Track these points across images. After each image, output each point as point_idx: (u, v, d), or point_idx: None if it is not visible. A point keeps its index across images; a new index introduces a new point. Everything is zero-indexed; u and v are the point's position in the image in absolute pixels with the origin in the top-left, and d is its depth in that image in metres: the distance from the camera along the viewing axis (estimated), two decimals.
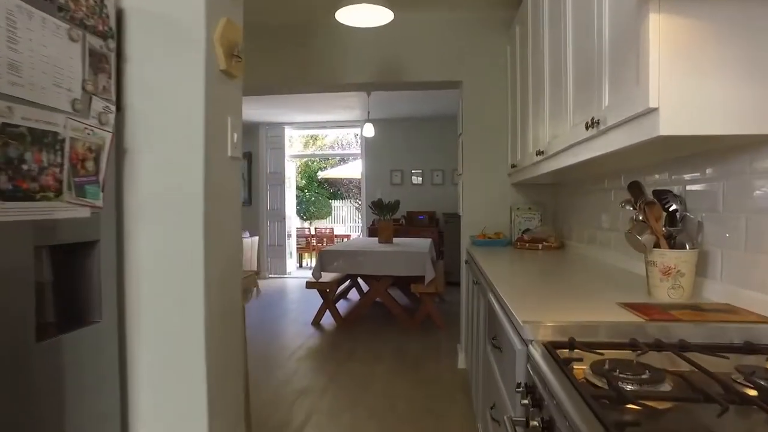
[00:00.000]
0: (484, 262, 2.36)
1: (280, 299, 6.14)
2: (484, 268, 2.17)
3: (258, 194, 8.06)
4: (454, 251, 6.94)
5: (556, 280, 1.84)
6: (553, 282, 1.81)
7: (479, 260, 2.47)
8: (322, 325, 4.86)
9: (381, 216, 5.48)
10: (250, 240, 6.51)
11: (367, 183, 7.76)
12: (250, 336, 4.54)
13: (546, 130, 2.18)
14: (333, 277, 4.91)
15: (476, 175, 3.49)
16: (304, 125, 7.92)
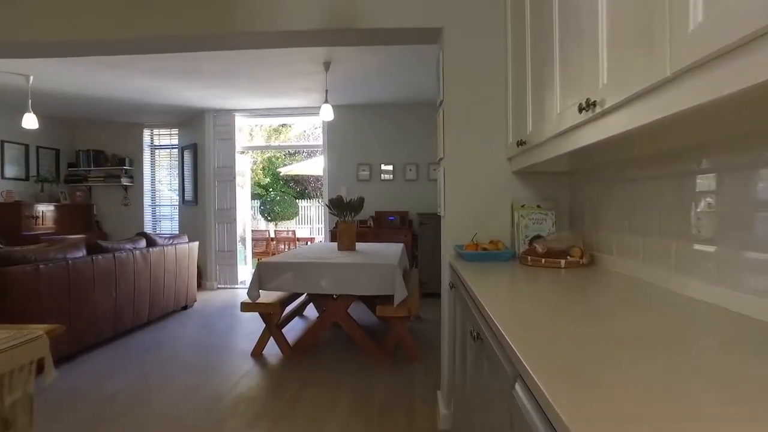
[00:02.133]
0: (481, 293, 1.39)
1: (221, 317, 5.06)
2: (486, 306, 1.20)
3: (204, 192, 6.94)
4: (430, 257, 5.97)
5: (619, 335, 0.88)
6: (615, 338, 0.85)
7: (473, 288, 1.49)
8: (264, 356, 3.81)
9: (341, 217, 4.46)
10: (188, 246, 5.42)
11: (330, 179, 6.73)
12: (169, 374, 3.44)
13: (599, 70, 1.21)
14: (279, 295, 3.87)
15: (463, 159, 2.52)
16: (256, 112, 6.84)
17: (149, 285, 4.66)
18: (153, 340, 4.26)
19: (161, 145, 7.82)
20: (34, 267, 3.37)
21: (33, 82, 5.13)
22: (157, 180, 7.88)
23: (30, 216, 6.63)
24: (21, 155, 6.86)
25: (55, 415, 2.75)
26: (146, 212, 7.82)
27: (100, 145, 7.65)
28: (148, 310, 4.66)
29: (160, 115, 7.12)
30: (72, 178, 7.58)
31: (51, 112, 6.74)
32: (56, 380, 3.23)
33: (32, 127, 5.19)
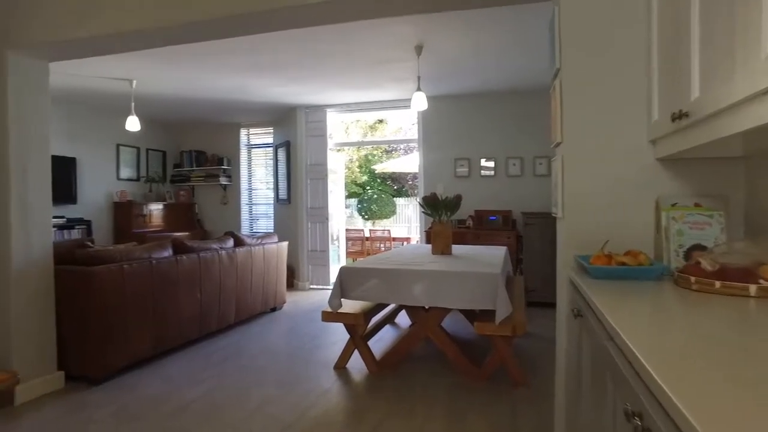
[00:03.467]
0: (637, 341, 0.84)
1: (309, 321, 4.82)
2: (653, 369, 0.65)
3: (297, 190, 6.82)
4: (538, 261, 5.29)
5: None
6: None
7: (620, 329, 0.94)
8: (348, 371, 3.45)
9: (435, 217, 3.98)
10: (277, 246, 5.26)
11: (425, 176, 6.27)
12: (246, 384, 3.14)
13: None
14: (365, 303, 3.49)
15: (588, 143, 1.93)
16: (348, 107, 6.57)
17: (235, 286, 4.53)
18: (236, 344, 4.09)
19: (257, 144, 7.88)
20: (119, 266, 3.29)
21: (136, 86, 5.26)
22: (254, 179, 7.95)
23: (140, 214, 6.95)
24: (133, 157, 7.22)
25: (123, 426, 2.58)
26: (243, 210, 7.92)
27: (202, 145, 7.88)
28: (234, 312, 4.53)
29: (256, 114, 7.13)
30: (177, 178, 7.88)
31: (156, 116, 7.01)
32: (123, 386, 3.17)
33: (135, 129, 5.33)
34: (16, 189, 2.94)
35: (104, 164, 6.77)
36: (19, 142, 2.97)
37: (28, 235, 3.01)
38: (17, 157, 2.95)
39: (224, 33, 2.77)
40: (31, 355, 3.02)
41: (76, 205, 6.27)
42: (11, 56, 2.92)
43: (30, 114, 3.03)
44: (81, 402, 2.93)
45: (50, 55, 3.07)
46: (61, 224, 5.93)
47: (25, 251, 3.00)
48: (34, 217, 3.05)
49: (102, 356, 3.18)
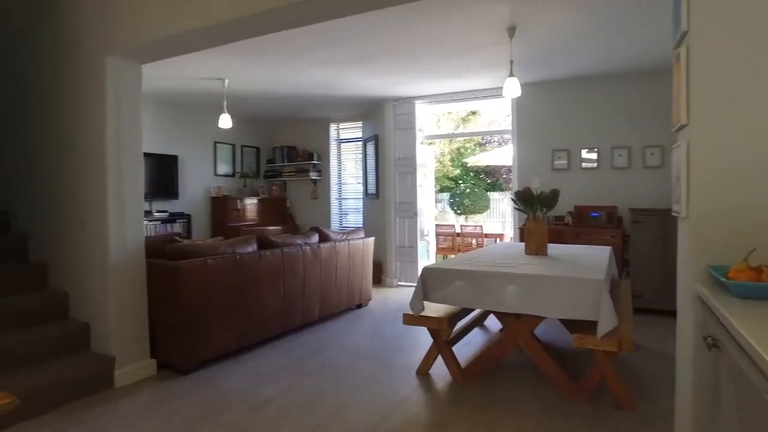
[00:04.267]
0: None
1: (394, 320, 4.65)
2: None
3: (385, 185, 6.70)
4: (647, 263, 4.70)
5: None
6: None
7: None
8: (431, 377, 3.24)
9: (529, 213, 3.63)
10: (362, 242, 5.17)
11: (520, 169, 5.84)
12: (324, 385, 3.01)
13: None
14: (448, 308, 3.24)
15: (725, 123, 1.54)
16: (436, 98, 6.31)
17: (319, 282, 4.49)
18: (318, 341, 4.03)
19: (346, 139, 7.88)
20: (203, 261, 3.34)
21: (228, 84, 5.41)
22: (344, 173, 7.97)
23: (234, 209, 7.23)
24: (229, 154, 7.53)
25: (196, 423, 2.57)
26: (333, 205, 7.97)
27: (293, 141, 8.03)
28: (318, 308, 4.49)
29: (344, 109, 7.10)
30: (269, 173, 8.11)
31: (249, 113, 7.23)
32: (208, 378, 3.21)
33: (227, 126, 5.49)
34: (112, 185, 3.07)
35: (203, 161, 7.11)
36: (115, 141, 3.09)
37: (123, 229, 3.13)
38: (113, 155, 3.08)
39: (306, 19, 2.65)
40: (127, 342, 3.15)
41: (177, 200, 6.65)
42: (110, 61, 3.04)
43: (125, 114, 3.14)
44: (168, 391, 3.00)
45: (143, 58, 3.15)
46: (164, 218, 6.30)
47: (121, 244, 3.12)
48: (128, 211, 3.16)
49: (188, 348, 3.25)
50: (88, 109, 3.15)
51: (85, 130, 3.18)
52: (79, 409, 2.77)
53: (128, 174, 3.16)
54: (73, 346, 3.15)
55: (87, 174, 3.17)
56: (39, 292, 3.32)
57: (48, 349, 3.02)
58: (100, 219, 3.09)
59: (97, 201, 3.11)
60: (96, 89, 3.09)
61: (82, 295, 3.26)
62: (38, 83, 3.48)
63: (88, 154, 3.16)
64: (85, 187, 3.19)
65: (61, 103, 3.33)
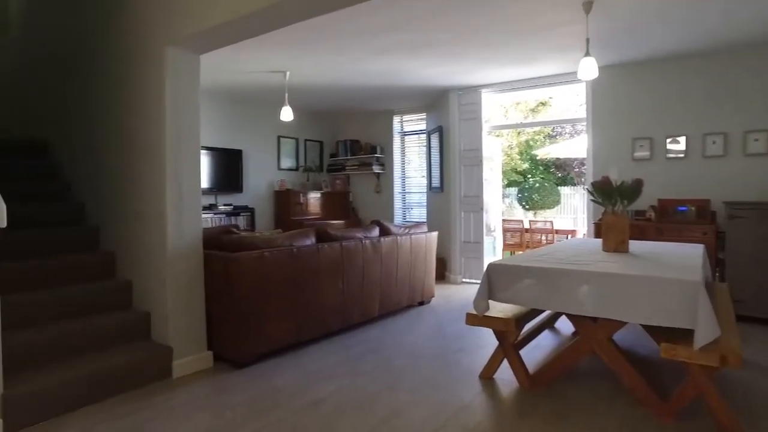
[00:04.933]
0: None
1: (457, 319, 4.41)
2: None
3: (450, 178, 6.45)
4: (747, 264, 4.15)
5: None
6: None
7: None
8: (495, 382, 2.99)
9: (608, 206, 3.27)
10: (425, 236, 4.96)
11: (595, 160, 5.39)
12: (379, 386, 2.84)
13: None
14: (515, 308, 2.98)
15: None
16: (504, 86, 5.96)
17: (379, 277, 4.34)
18: (377, 339, 3.88)
19: (410, 131, 7.69)
20: (259, 253, 3.28)
21: (289, 77, 5.38)
22: (407, 167, 7.78)
23: (297, 203, 7.25)
24: (293, 148, 7.57)
25: (247, 419, 2.49)
26: (396, 199, 7.81)
27: (356, 134, 7.95)
28: (378, 305, 4.34)
29: (408, 100, 6.91)
30: (332, 167, 8.09)
31: (312, 106, 7.21)
32: (262, 373, 3.14)
33: (288, 119, 5.47)
34: (170, 176, 3.07)
35: (267, 155, 7.18)
36: (174, 133, 3.08)
37: (180, 220, 3.13)
38: (172, 146, 3.07)
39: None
40: (184, 334, 3.15)
41: (242, 194, 6.75)
42: (169, 52, 3.03)
43: (183, 106, 3.13)
44: (223, 385, 2.96)
45: (200, 47, 3.12)
46: (229, 211, 6.42)
47: (178, 235, 3.12)
48: (186, 202, 3.15)
49: (244, 341, 3.20)
50: (149, 100, 3.17)
51: (145, 122, 3.21)
52: (137, 397, 2.78)
53: (186, 166, 3.15)
54: (135, 334, 3.19)
55: (147, 165, 3.19)
56: (106, 281, 3.40)
57: (111, 337, 3.07)
58: (158, 210, 3.10)
59: (156, 192, 3.13)
60: (155, 80, 3.10)
61: (144, 285, 3.30)
62: (105, 76, 3.56)
63: (148, 146, 3.18)
64: (145, 178, 3.22)
65: (124, 96, 3.39)
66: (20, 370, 2.64)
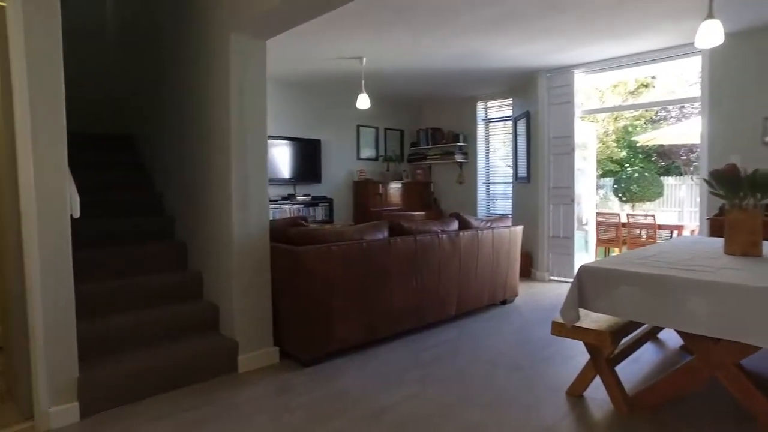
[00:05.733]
0: None
1: (543, 322, 4.00)
2: None
3: (537, 168, 5.95)
4: None
5: None
6: None
7: None
8: (585, 401, 2.59)
9: (733, 199, 2.71)
10: (509, 231, 4.56)
11: (711, 145, 4.66)
12: (451, 398, 2.57)
13: None
14: (611, 319, 2.55)
15: None
16: (600, 65, 5.33)
17: (457, 274, 4.03)
18: (452, 342, 3.58)
19: (495, 118, 7.22)
20: (326, 247, 3.11)
21: (366, 63, 5.18)
22: (492, 156, 7.34)
23: (377, 193, 7.09)
24: (372, 137, 7.41)
25: (306, 425, 2.32)
26: (480, 190, 7.40)
27: (438, 122, 7.62)
28: (455, 304, 4.04)
29: (492, 85, 6.47)
30: (413, 156, 7.83)
31: (392, 94, 6.98)
32: (328, 373, 2.97)
33: (365, 106, 5.28)
34: (236, 166, 2.97)
35: (346, 145, 7.07)
36: (240, 121, 2.98)
37: (246, 211, 3.03)
38: (237, 135, 2.97)
39: None
40: (250, 328, 3.07)
41: (320, 184, 6.69)
42: (234, 38, 2.93)
43: (249, 93, 3.01)
44: (287, 384, 2.83)
45: (265, 31, 2.98)
46: (307, 202, 6.39)
47: (244, 227, 3.03)
48: (252, 194, 3.05)
49: (309, 339, 3.05)
50: (215, 90, 3.10)
51: (212, 111, 3.14)
52: (202, 391, 2.73)
53: (252, 155, 3.04)
54: (204, 327, 3.16)
55: (214, 156, 3.13)
56: (179, 272, 3.42)
57: (180, 329, 3.06)
58: (224, 201, 3.03)
59: (222, 183, 3.05)
60: (221, 68, 3.01)
61: (212, 277, 3.26)
62: (176, 67, 3.56)
63: (215, 136, 3.12)
64: (212, 168, 3.16)
65: (193, 86, 3.35)
66: (95, 357, 2.68)
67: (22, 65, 2.26)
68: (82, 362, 2.54)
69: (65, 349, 2.41)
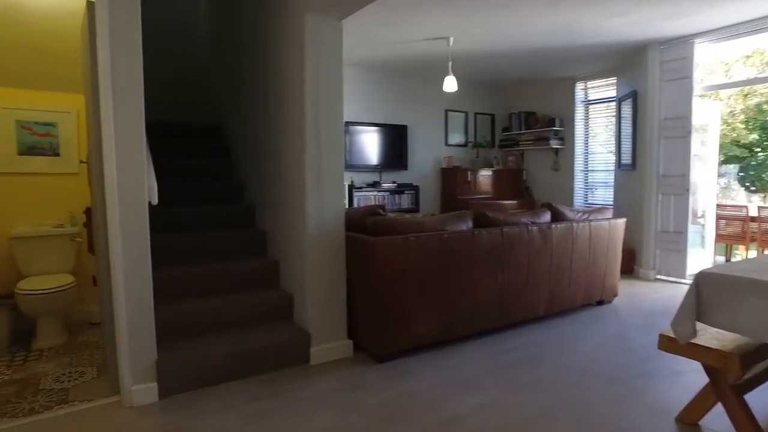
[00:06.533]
0: None
1: (648, 329, 3.54)
2: None
3: (644, 153, 5.32)
4: None
5: None
6: None
7: None
8: (701, 430, 2.20)
9: None
10: (609, 224, 4.10)
11: None
12: (533, 411, 2.30)
13: None
14: (737, 336, 2.12)
15: None
16: (727, 32, 4.58)
17: (548, 270, 3.68)
18: (539, 345, 3.27)
19: (596, 100, 6.59)
20: (403, 239, 2.94)
21: (452, 44, 4.90)
22: (592, 141, 6.72)
23: (465, 181, 6.79)
24: (461, 123, 7.10)
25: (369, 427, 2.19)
26: (577, 178, 6.83)
27: (532, 106, 7.12)
28: (545, 302, 3.70)
29: (593, 62, 5.88)
30: (505, 142, 7.40)
31: (482, 77, 6.62)
32: (401, 371, 2.81)
33: (452, 89, 5.03)
34: (310, 153, 2.89)
35: (433, 130, 6.84)
36: (314, 107, 2.88)
37: (320, 198, 2.94)
38: (312, 121, 2.88)
39: None
40: (323, 319, 3.00)
41: (406, 172, 6.54)
42: (308, 19, 2.82)
43: (324, 76, 2.91)
44: (357, 380, 2.72)
45: (340, 10, 2.84)
46: (392, 189, 6.26)
47: (318, 215, 2.95)
48: (327, 181, 2.96)
49: (383, 334, 2.92)
50: (290, 72, 3.03)
51: (286, 97, 3.09)
52: (273, 381, 2.70)
53: (327, 142, 2.94)
54: (279, 316, 3.15)
55: (289, 143, 3.08)
56: (258, 260, 3.43)
57: (256, 316, 3.07)
58: (299, 189, 2.96)
59: (296, 170, 2.99)
60: (296, 50, 2.93)
61: (287, 266, 3.24)
62: (255, 54, 3.56)
63: (290, 122, 3.06)
64: (288, 155, 3.11)
65: (270, 72, 3.33)
66: (173, 340, 2.75)
67: (106, 58, 2.31)
68: (164, 344, 2.61)
69: (145, 332, 2.48)
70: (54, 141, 3.70)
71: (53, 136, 3.70)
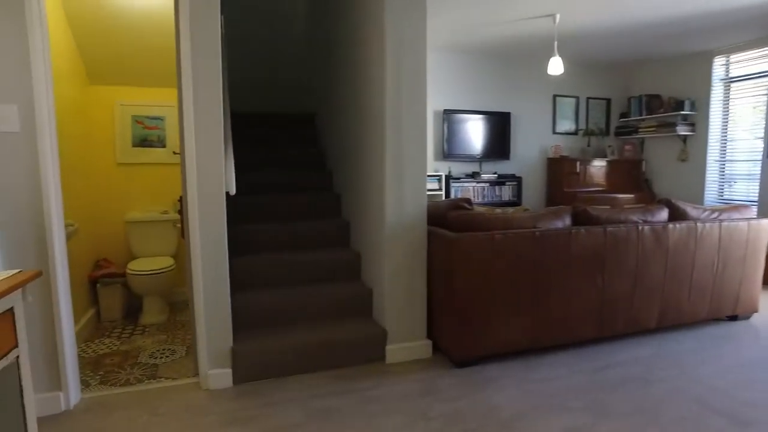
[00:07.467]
0: None
1: None
2: None
3: None
4: None
5: None
6: None
7: None
8: None
9: None
10: (748, 225, 3.43)
11: None
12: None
13: None
14: None
15: None
16: None
17: (662, 276, 3.19)
18: (645, 362, 2.84)
19: (740, 77, 5.63)
20: (488, 236, 2.69)
21: (559, 21, 4.45)
22: (732, 126, 5.78)
23: (573, 172, 6.23)
24: (572, 109, 6.51)
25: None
26: (709, 170, 5.93)
27: (655, 88, 6.30)
28: (656, 314, 3.22)
29: (739, 31, 5.00)
30: (622, 130, 6.65)
31: (595, 57, 5.97)
32: (479, 379, 2.56)
33: (557, 72, 4.58)
34: (390, 143, 2.75)
35: (539, 118, 6.34)
36: (395, 93, 2.73)
37: (401, 190, 2.80)
38: (392, 109, 2.73)
39: None
40: (401, 318, 2.86)
41: (508, 162, 6.15)
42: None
43: (406, 62, 2.73)
44: (433, 385, 2.55)
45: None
46: (492, 180, 5.92)
47: (398, 209, 2.80)
48: (408, 173, 2.80)
49: (463, 337, 2.71)
50: (369, 56, 2.90)
51: (368, 81, 2.96)
52: (344, 377, 2.64)
53: (408, 130, 2.77)
54: (357, 311, 3.08)
55: (370, 131, 2.96)
56: (341, 251, 3.39)
57: (334, 309, 3.02)
58: (379, 181, 2.84)
59: (377, 161, 2.87)
60: (376, 28, 2.78)
61: (368, 260, 3.14)
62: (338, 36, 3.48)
63: (370, 109, 2.94)
64: (369, 145, 3.00)
65: (351, 54, 3.24)
66: (250, 329, 2.80)
67: (187, 54, 2.36)
68: (242, 333, 2.65)
69: (221, 319, 2.54)
70: (162, 133, 3.97)
71: (161, 129, 3.97)
